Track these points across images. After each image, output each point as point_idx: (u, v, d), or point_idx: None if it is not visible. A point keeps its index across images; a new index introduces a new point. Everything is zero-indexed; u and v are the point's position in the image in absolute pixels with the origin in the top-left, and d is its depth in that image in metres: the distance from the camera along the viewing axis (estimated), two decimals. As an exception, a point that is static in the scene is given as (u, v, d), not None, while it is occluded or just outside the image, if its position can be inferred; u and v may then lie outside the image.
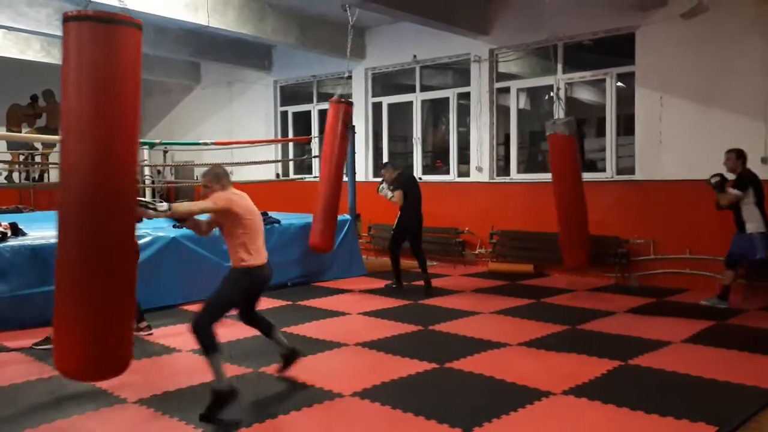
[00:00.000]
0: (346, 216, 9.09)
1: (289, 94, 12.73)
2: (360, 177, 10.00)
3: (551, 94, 9.21)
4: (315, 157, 8.50)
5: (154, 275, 6.49)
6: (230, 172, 13.56)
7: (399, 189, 7.87)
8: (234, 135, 12.78)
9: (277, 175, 12.53)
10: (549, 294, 7.58)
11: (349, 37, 8.41)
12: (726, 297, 6.77)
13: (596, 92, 9.29)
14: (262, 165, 11.96)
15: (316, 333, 5.81)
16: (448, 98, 10.39)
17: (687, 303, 7.01)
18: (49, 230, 5.30)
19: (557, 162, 7.65)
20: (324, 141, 8.51)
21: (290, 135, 12.50)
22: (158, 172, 13.52)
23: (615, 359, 4.89)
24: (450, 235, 9.89)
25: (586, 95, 9.70)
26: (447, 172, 10.46)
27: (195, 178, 12.26)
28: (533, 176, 9.41)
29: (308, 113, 12.29)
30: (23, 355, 5.12)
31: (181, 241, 6.92)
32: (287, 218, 8.60)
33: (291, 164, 12.59)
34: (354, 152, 9.29)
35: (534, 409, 3.93)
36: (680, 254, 7.90)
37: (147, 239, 6.63)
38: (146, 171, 12.18)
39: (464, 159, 10.24)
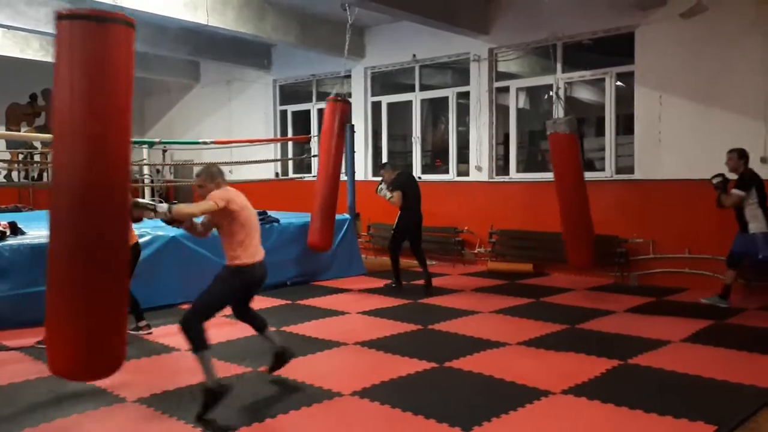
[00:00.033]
0: (346, 215, 9.10)
1: (289, 93, 12.72)
2: (359, 176, 10.00)
3: (550, 94, 9.21)
4: (314, 156, 8.52)
5: (154, 274, 6.50)
6: (230, 171, 13.45)
7: (398, 190, 7.87)
8: (233, 134, 12.79)
9: (277, 175, 12.53)
10: (548, 293, 7.58)
11: (347, 36, 8.40)
12: (727, 296, 6.77)
13: (596, 92, 9.29)
14: (262, 164, 12.00)
15: (316, 332, 5.82)
16: (448, 97, 10.38)
17: (686, 302, 7.02)
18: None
19: (559, 161, 7.52)
20: (321, 140, 8.52)
21: (289, 134, 12.51)
22: (157, 171, 13.52)
23: (614, 358, 4.89)
24: (449, 235, 9.89)
25: (586, 95, 9.70)
26: (446, 172, 10.46)
27: (194, 177, 12.23)
28: (532, 175, 9.42)
29: (308, 112, 12.29)
30: (23, 354, 5.12)
31: (181, 241, 6.92)
32: (286, 217, 8.60)
33: (290, 163, 12.60)
34: (353, 151, 9.30)
35: (533, 409, 3.93)
36: (679, 253, 7.91)
37: (147, 238, 6.63)
38: (145, 170, 12.18)
39: (463, 158, 10.24)
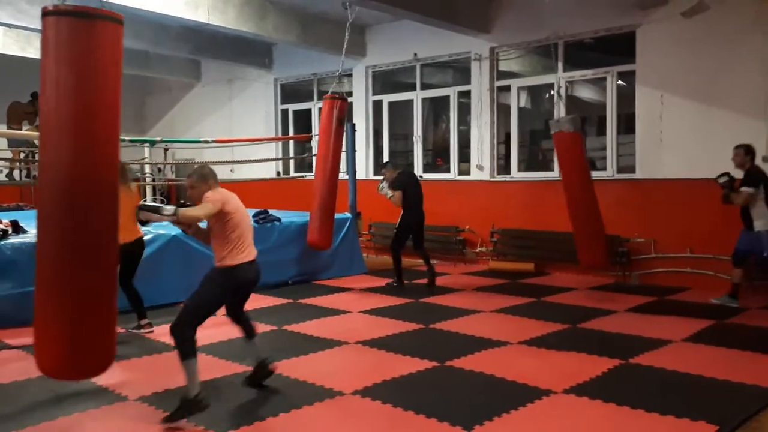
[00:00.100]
0: (347, 214, 9.10)
1: (290, 92, 12.72)
2: (360, 175, 10.00)
3: (552, 93, 9.20)
4: (315, 155, 8.55)
5: (156, 273, 6.51)
6: (231, 170, 13.37)
7: (399, 189, 7.87)
8: (234, 133, 12.79)
9: (278, 173, 12.53)
10: (549, 293, 7.58)
11: (347, 35, 8.39)
12: (736, 295, 6.72)
13: (597, 91, 9.29)
14: (263, 163, 11.99)
15: (317, 331, 5.82)
16: (449, 96, 10.37)
17: (688, 302, 7.01)
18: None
19: (565, 160, 7.41)
20: (319, 138, 8.53)
21: (290, 133, 12.50)
22: (159, 170, 13.51)
23: (615, 358, 4.89)
24: (450, 234, 9.89)
25: (587, 94, 9.69)
26: (447, 171, 10.46)
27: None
28: (534, 175, 9.41)
29: (308, 111, 12.28)
30: (25, 353, 5.12)
31: (183, 239, 6.91)
32: (288, 216, 8.60)
33: (291, 162, 12.59)
34: (354, 150, 9.30)
35: (534, 408, 3.94)
36: (681, 253, 7.90)
37: (148, 237, 6.62)
38: (147, 169, 12.17)
39: (465, 157, 10.23)
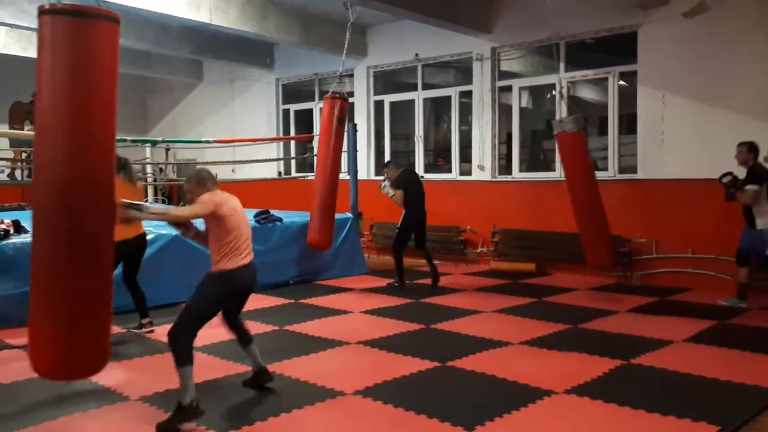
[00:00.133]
0: (348, 214, 9.10)
1: (291, 92, 12.73)
2: (362, 175, 10.00)
3: (553, 93, 9.19)
4: (316, 155, 8.57)
5: (157, 273, 6.51)
6: (232, 170, 13.34)
7: (400, 188, 7.88)
8: (236, 133, 12.80)
9: (279, 174, 12.54)
10: (551, 293, 7.58)
11: (348, 35, 8.39)
12: (745, 295, 6.70)
13: (598, 91, 9.29)
14: (264, 163, 12.00)
15: (318, 331, 5.82)
16: (450, 96, 10.37)
17: (689, 302, 7.00)
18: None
19: (569, 160, 7.37)
20: (320, 137, 8.53)
21: (292, 133, 12.50)
22: (160, 170, 13.52)
23: (617, 358, 4.89)
24: (452, 234, 9.88)
25: (589, 94, 9.69)
26: (449, 171, 10.45)
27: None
28: (535, 175, 9.41)
29: (310, 111, 12.28)
30: (26, 353, 5.10)
31: (184, 239, 6.90)
32: (289, 216, 8.61)
33: (293, 162, 12.59)
34: (356, 150, 9.30)
35: (536, 408, 3.93)
36: (682, 253, 7.89)
37: (150, 237, 6.61)
38: (148, 169, 12.18)
39: (466, 157, 10.22)
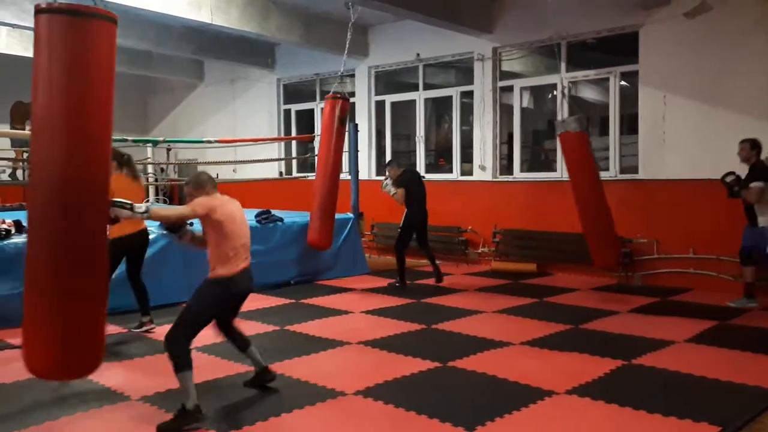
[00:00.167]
0: (349, 214, 9.10)
1: (293, 92, 12.73)
2: (363, 175, 10.00)
3: (554, 93, 9.19)
4: (318, 155, 8.59)
5: (157, 273, 6.50)
6: (233, 170, 13.33)
7: (402, 187, 7.90)
8: (237, 133, 12.80)
9: (280, 174, 12.54)
10: (552, 293, 7.57)
11: (349, 35, 8.39)
12: (753, 294, 6.68)
13: (600, 91, 9.28)
14: (266, 163, 12.00)
15: (319, 331, 5.82)
16: (451, 97, 10.37)
17: (690, 303, 7.00)
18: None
19: (573, 160, 7.32)
20: (321, 137, 8.54)
21: (293, 133, 12.51)
22: (161, 170, 13.53)
23: (618, 359, 4.89)
24: (453, 234, 9.88)
25: (590, 94, 9.68)
26: (450, 171, 10.45)
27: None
28: (536, 175, 9.40)
29: (311, 111, 12.28)
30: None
31: (184, 239, 6.92)
32: (290, 216, 8.60)
33: (294, 162, 12.60)
34: (357, 150, 9.30)
35: (537, 409, 3.93)
36: (684, 254, 7.88)
37: (151, 237, 6.61)
38: (150, 169, 12.18)
39: (467, 157, 10.22)
